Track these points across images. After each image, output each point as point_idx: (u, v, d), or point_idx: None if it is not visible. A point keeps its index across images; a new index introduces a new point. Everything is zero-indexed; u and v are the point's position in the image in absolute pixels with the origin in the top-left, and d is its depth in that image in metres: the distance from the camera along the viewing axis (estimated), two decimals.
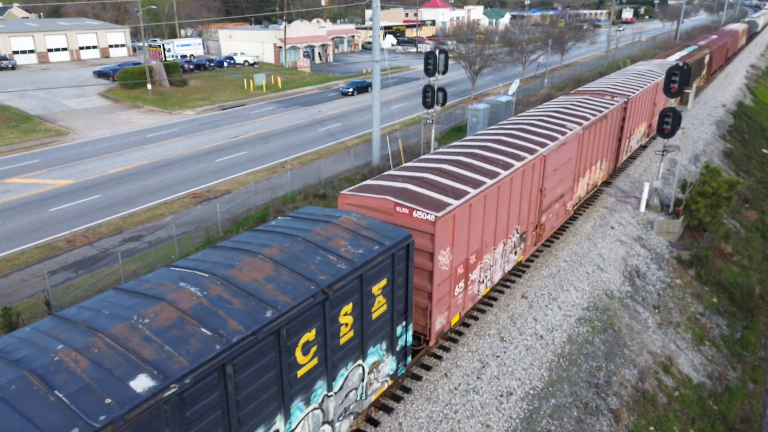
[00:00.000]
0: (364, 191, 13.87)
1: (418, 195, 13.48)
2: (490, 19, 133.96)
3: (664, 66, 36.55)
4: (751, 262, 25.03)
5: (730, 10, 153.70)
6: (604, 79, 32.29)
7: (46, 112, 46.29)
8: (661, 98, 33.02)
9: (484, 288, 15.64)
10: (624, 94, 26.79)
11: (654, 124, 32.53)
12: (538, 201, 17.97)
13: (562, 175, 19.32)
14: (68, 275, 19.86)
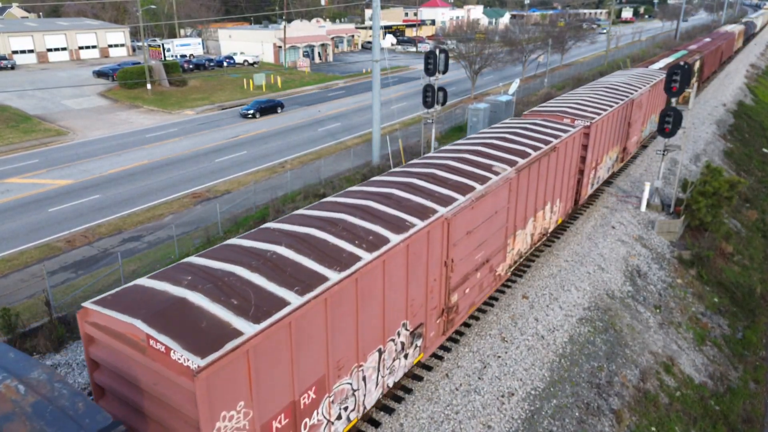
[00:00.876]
0: (112, 306, 8.71)
1: (196, 311, 8.50)
2: (490, 19, 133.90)
3: (644, 76, 32.10)
4: (752, 262, 24.99)
5: (730, 10, 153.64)
6: (570, 95, 27.34)
7: (46, 112, 46.21)
8: (638, 116, 28.49)
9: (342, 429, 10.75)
10: (587, 115, 22.19)
11: (630, 146, 28.29)
12: (444, 278, 13.22)
13: (484, 234, 14.52)
14: (68, 275, 19.80)
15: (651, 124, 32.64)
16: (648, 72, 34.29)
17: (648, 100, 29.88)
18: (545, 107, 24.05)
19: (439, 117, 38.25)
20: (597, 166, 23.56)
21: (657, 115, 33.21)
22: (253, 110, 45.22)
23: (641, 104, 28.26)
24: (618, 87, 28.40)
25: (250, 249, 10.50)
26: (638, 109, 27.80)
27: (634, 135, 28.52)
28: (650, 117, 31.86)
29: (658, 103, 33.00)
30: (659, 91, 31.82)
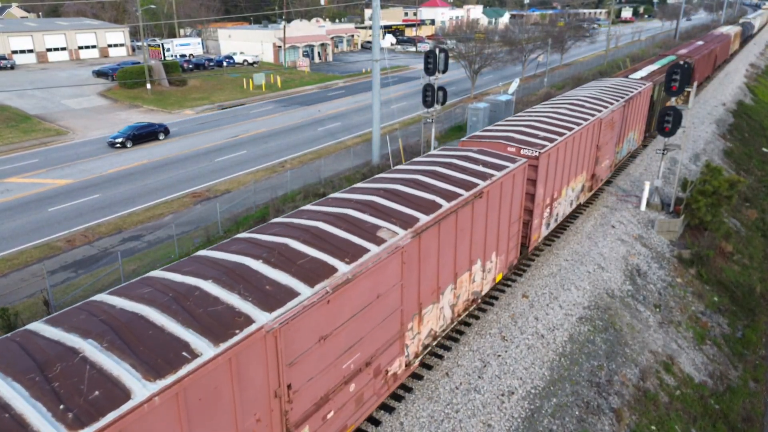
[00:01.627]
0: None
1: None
2: (490, 19, 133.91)
3: (621, 88, 27.61)
4: (752, 261, 25.00)
5: (730, 10, 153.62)
6: (526, 114, 22.67)
7: (45, 111, 46.21)
8: (610, 137, 23.93)
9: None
10: (538, 142, 18.03)
11: (601, 172, 24.22)
12: (277, 413, 8.94)
13: (355, 332, 10.30)
14: (68, 275, 19.80)
15: (629, 143, 28.42)
16: (626, 83, 29.17)
17: (624, 115, 25.46)
18: (490, 131, 19.68)
19: (439, 116, 38.26)
20: (553, 202, 19.55)
21: (637, 131, 29.41)
22: (123, 138, 36.19)
23: (613, 122, 23.76)
24: (586, 103, 23.80)
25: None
26: (610, 128, 23.33)
27: (606, 158, 24.08)
28: (628, 134, 27.26)
29: (639, 118, 29.00)
30: (640, 104, 28.14)
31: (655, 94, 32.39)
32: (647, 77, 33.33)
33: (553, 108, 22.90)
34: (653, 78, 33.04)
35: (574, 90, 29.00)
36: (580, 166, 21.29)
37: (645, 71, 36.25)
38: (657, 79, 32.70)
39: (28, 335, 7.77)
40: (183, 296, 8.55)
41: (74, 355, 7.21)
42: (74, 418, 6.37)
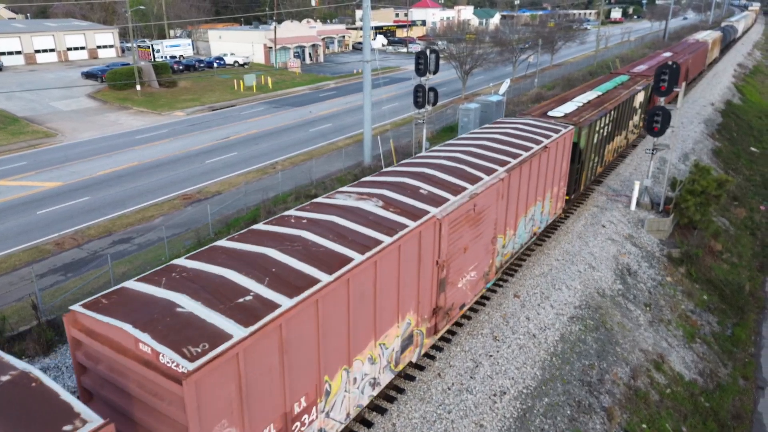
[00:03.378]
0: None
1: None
2: (480, 19, 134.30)
3: (531, 134, 19.32)
4: (741, 260, 25.23)
5: (717, 10, 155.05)
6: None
7: (34, 113, 45.80)
8: (535, 183, 18.07)
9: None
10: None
11: (456, 297, 14.47)
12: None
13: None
14: (57, 278, 19.63)
15: (535, 220, 19.11)
16: (539, 127, 20.29)
17: (533, 172, 17.59)
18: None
19: (431, 117, 38.30)
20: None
21: (552, 197, 20.27)
22: None
23: (501, 193, 15.50)
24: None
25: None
26: (497, 201, 15.40)
27: (485, 259, 15.58)
28: (531, 209, 18.38)
29: (557, 170, 19.98)
30: (560, 153, 19.85)
31: (583, 138, 21.89)
32: (585, 106, 24.55)
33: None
34: (584, 115, 23.05)
35: (489, 126, 20.98)
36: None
37: (583, 97, 26.44)
38: (587, 119, 22.38)
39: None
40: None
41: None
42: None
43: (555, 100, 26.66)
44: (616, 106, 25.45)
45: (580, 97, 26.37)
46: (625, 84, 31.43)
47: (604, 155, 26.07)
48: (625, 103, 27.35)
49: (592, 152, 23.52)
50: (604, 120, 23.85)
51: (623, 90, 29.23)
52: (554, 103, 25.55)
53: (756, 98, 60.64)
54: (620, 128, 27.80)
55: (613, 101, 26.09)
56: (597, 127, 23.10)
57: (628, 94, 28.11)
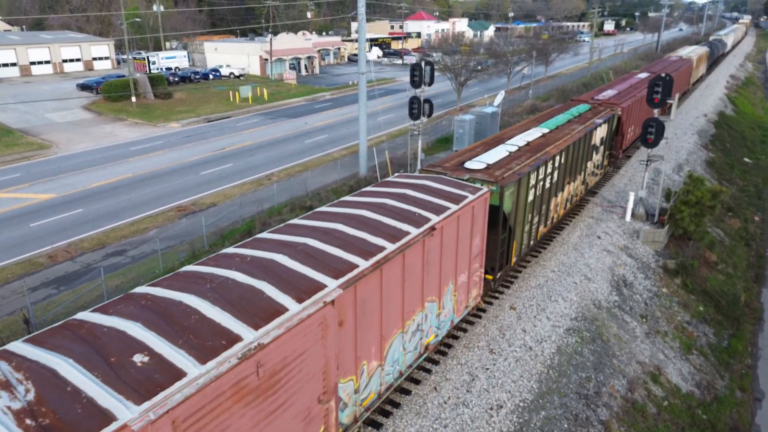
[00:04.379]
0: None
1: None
2: (475, 32, 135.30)
3: (452, 191, 14.77)
4: (736, 270, 25.26)
5: (709, 22, 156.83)
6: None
7: (28, 125, 45.68)
8: (419, 281, 12.65)
9: None
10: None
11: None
12: None
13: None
14: (49, 291, 19.44)
15: (451, 298, 14.52)
16: (437, 192, 14.54)
17: (412, 268, 12.27)
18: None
19: (426, 129, 38.41)
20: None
21: (463, 279, 14.88)
22: None
23: (330, 323, 9.81)
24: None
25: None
26: (324, 339, 9.69)
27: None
28: (445, 288, 13.99)
29: (463, 251, 14.52)
30: (466, 226, 14.43)
31: (509, 199, 16.56)
32: (499, 165, 17.56)
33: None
34: (512, 166, 17.56)
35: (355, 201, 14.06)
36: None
37: (533, 133, 21.32)
38: (515, 172, 17.05)
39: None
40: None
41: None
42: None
43: (486, 142, 20.72)
44: (564, 149, 20.29)
45: (518, 138, 20.57)
46: (583, 116, 25.53)
47: (549, 212, 20.63)
48: (580, 142, 22.10)
49: (527, 213, 18.20)
50: (543, 170, 18.81)
51: (578, 125, 23.56)
52: (482, 147, 19.70)
53: (748, 109, 61.13)
54: (573, 174, 22.42)
55: (561, 142, 20.73)
56: (531, 180, 17.92)
57: (583, 131, 22.61)
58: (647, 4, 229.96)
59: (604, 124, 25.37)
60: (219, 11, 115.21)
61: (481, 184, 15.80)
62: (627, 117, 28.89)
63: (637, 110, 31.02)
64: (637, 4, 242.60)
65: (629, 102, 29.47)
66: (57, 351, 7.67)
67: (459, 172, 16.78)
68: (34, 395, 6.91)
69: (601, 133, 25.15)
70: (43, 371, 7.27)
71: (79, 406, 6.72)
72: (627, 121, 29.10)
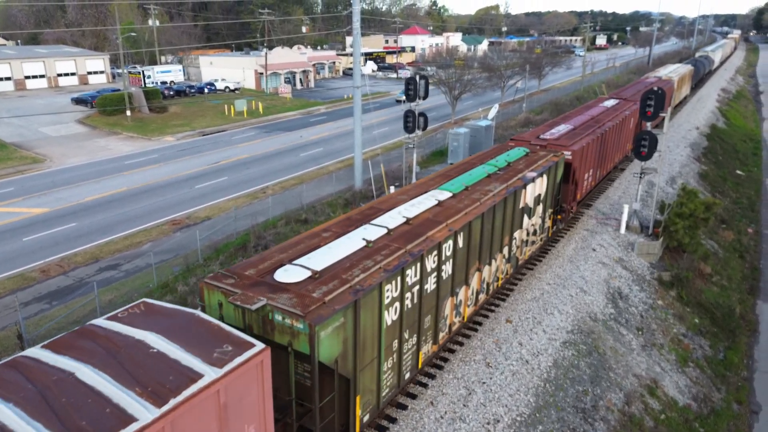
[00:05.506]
0: None
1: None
2: (469, 46, 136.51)
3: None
4: (731, 282, 25.33)
5: (700, 37, 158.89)
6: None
7: (22, 139, 45.56)
8: None
9: None
10: None
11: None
12: None
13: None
14: (42, 306, 19.26)
15: None
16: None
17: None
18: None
19: (421, 142, 38.55)
20: None
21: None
22: None
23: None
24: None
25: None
26: None
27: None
28: None
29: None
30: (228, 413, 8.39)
31: (332, 345, 10.17)
32: (322, 281, 10.82)
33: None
34: (351, 276, 11.10)
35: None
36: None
37: (379, 227, 13.57)
38: (331, 305, 10.09)
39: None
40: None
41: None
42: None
43: (346, 220, 14.26)
44: (464, 225, 14.40)
45: (396, 212, 14.46)
46: (513, 167, 19.22)
47: (444, 319, 14.47)
48: (497, 208, 16.28)
49: (383, 347, 11.83)
50: (417, 268, 12.50)
51: (498, 183, 17.32)
52: (334, 230, 13.47)
53: (740, 122, 61.73)
54: (487, 254, 16.44)
55: (462, 216, 14.68)
56: (390, 292, 11.63)
57: (502, 193, 16.67)
58: (638, 18, 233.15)
59: (542, 176, 19.45)
60: (214, 26, 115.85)
61: (283, 319, 9.83)
62: (582, 161, 23.13)
63: (596, 150, 25.27)
64: (629, 19, 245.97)
65: (585, 141, 23.57)
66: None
67: (256, 290, 10.33)
68: None
69: (536, 189, 19.11)
70: None
71: None
72: (582, 166, 23.34)
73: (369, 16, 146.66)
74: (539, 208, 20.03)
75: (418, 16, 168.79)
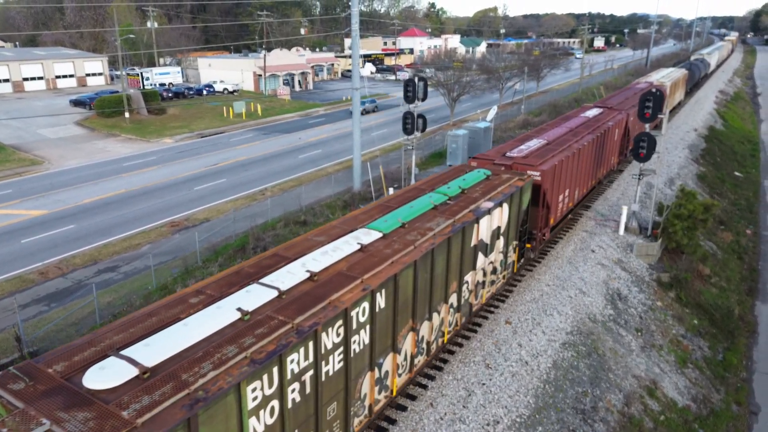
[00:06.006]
0: None
1: None
2: (467, 48, 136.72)
3: None
4: (729, 284, 25.35)
5: (698, 39, 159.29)
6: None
7: (21, 141, 45.50)
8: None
9: None
10: None
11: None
12: None
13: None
14: (40, 308, 19.21)
15: None
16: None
17: None
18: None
19: (419, 143, 38.58)
20: None
21: None
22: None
23: None
24: None
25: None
26: None
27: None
28: None
29: None
30: None
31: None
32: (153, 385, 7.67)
33: None
34: (193, 374, 7.88)
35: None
36: None
37: (241, 302, 9.84)
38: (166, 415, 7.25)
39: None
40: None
41: None
42: None
43: (232, 276, 11.15)
44: (389, 279, 11.40)
45: (298, 264, 11.41)
46: (468, 194, 16.28)
47: (348, 416, 10.95)
48: (439, 251, 13.26)
49: None
50: (302, 354, 9.39)
51: (443, 218, 14.25)
52: (212, 290, 10.52)
53: (738, 124, 61.86)
54: (429, 306, 13.50)
55: (387, 267, 11.68)
56: (248, 402, 8.40)
57: (446, 231, 13.68)
58: (636, 21, 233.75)
59: (502, 206, 16.40)
60: (213, 27, 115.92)
61: None
62: (554, 181, 20.30)
63: (573, 168, 22.47)
64: (627, 21, 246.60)
65: (559, 158, 20.81)
66: None
67: (48, 404, 7.34)
68: None
69: (493, 222, 16.07)
70: None
71: None
72: (554, 188, 20.50)
73: (367, 18, 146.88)
74: (499, 242, 17.03)
75: (416, 18, 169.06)
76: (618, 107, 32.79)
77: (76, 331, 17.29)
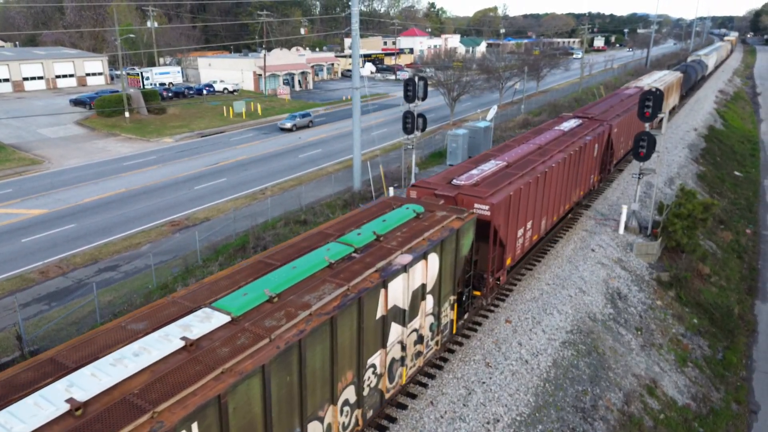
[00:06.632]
0: None
1: None
2: (467, 47, 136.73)
3: None
4: (729, 283, 25.38)
5: (697, 39, 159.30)
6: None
7: (21, 141, 45.51)
8: None
9: None
10: None
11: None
12: None
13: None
14: (41, 307, 19.23)
15: None
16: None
17: None
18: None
19: (419, 143, 38.59)
20: None
21: None
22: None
23: None
24: None
25: None
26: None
27: None
28: None
29: None
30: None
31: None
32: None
33: None
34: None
35: None
36: None
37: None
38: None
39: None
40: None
41: None
42: None
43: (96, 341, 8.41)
44: (202, 406, 7.29)
45: (58, 388, 7.21)
46: (385, 242, 12.66)
47: None
48: (311, 342, 9.37)
49: None
50: None
51: (331, 284, 10.62)
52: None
53: (737, 123, 61.89)
54: (300, 418, 9.54)
55: (207, 388, 7.53)
56: None
57: (332, 305, 10.00)
58: (636, 20, 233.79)
59: (426, 257, 12.72)
60: (213, 27, 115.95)
61: None
62: (508, 215, 16.98)
63: (535, 195, 19.00)
64: (627, 21, 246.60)
65: (516, 186, 17.43)
66: None
67: None
68: None
69: (413, 281, 12.45)
70: None
71: None
72: (509, 222, 17.22)
73: (367, 17, 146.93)
74: (426, 303, 13.21)
75: (416, 17, 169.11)
76: (600, 117, 29.06)
77: (77, 330, 17.32)
